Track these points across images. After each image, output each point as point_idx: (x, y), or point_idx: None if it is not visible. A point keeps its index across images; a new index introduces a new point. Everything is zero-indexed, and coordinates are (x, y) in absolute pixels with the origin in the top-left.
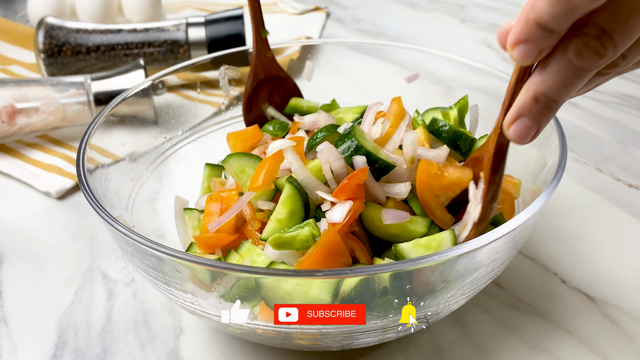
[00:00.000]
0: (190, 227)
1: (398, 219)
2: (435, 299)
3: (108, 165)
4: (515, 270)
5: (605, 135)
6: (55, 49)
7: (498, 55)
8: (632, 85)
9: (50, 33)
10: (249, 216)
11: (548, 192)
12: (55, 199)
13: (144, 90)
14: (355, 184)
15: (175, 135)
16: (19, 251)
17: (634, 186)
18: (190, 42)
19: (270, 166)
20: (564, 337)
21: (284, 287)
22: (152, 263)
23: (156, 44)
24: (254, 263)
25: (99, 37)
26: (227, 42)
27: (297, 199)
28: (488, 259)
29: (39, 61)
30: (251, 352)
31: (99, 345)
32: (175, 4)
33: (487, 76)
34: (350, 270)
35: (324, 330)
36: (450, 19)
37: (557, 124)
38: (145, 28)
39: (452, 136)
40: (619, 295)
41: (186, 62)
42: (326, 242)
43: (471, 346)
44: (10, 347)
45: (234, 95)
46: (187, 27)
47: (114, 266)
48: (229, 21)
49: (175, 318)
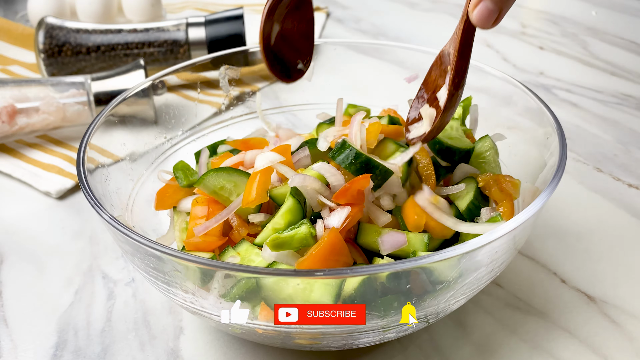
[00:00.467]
0: (178, 229)
1: (396, 246)
2: (435, 299)
3: (108, 165)
4: (515, 270)
5: (605, 135)
6: (55, 49)
7: (498, 55)
8: (632, 85)
9: (51, 33)
10: (236, 223)
11: (548, 192)
12: (55, 199)
13: (144, 90)
14: (357, 189)
15: (175, 135)
16: (19, 251)
17: (633, 186)
18: (190, 42)
19: (262, 179)
20: (563, 336)
21: (285, 290)
22: (152, 263)
23: (156, 44)
24: (251, 263)
25: (99, 37)
26: (227, 42)
27: (298, 212)
28: (488, 259)
29: (39, 61)
30: (251, 352)
31: (99, 345)
32: (175, 4)
33: (487, 76)
34: (350, 270)
35: (324, 330)
36: (451, 19)
37: (557, 124)
38: (146, 28)
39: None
40: (618, 294)
41: (186, 62)
42: (328, 242)
43: (471, 346)
44: (11, 347)
45: (234, 95)
46: (187, 27)
47: (114, 266)
48: (229, 21)
49: (176, 318)
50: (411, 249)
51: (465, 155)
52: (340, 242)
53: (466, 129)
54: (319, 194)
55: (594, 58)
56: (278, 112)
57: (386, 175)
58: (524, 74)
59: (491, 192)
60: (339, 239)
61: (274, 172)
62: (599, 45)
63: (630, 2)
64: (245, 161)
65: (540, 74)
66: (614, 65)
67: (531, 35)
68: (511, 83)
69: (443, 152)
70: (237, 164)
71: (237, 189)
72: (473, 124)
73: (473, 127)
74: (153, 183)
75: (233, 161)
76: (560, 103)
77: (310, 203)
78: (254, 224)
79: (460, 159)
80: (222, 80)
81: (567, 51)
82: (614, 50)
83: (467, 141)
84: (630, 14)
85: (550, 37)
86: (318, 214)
